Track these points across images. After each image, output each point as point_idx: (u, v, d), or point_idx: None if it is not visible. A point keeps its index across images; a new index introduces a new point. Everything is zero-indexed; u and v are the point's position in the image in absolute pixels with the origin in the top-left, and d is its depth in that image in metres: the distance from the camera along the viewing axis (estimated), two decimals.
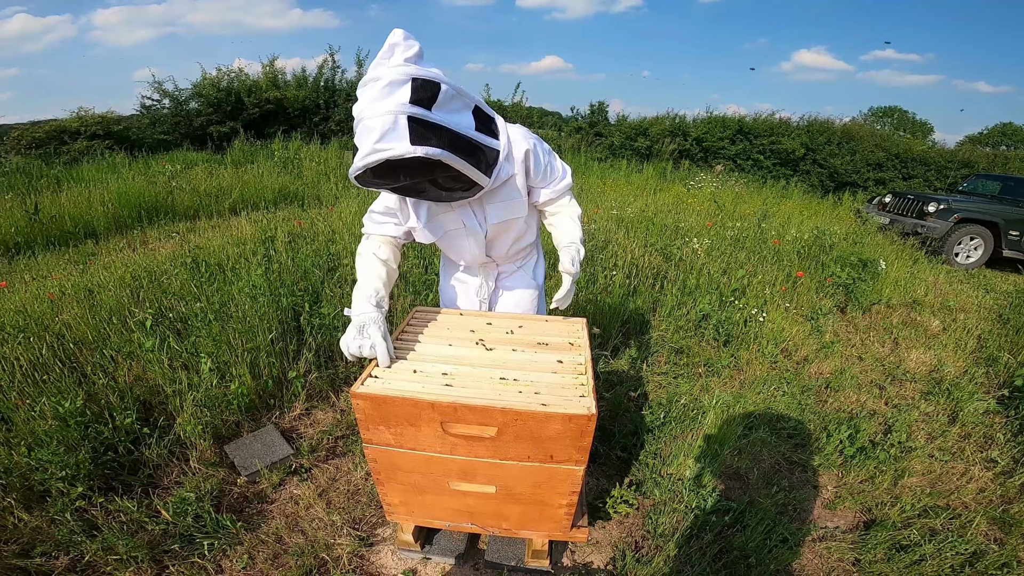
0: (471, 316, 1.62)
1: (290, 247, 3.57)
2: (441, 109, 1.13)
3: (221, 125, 11.19)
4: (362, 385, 1.22)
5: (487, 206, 1.47)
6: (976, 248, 7.12)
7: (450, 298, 1.82)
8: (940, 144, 14.43)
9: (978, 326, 4.34)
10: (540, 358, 1.36)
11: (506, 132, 1.38)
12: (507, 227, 1.55)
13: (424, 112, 1.09)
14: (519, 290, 1.77)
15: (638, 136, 12.39)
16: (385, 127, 1.06)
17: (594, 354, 2.91)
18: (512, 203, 1.49)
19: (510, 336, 1.48)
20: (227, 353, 2.47)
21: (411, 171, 1.17)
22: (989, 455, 2.56)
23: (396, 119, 1.06)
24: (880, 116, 33.89)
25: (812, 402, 2.87)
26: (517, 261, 1.75)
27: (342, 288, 3.08)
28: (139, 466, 2.07)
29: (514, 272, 1.75)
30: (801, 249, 4.75)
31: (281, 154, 8.23)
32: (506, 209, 1.49)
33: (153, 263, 3.62)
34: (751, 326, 3.40)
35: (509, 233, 1.59)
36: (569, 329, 1.57)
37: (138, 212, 5.42)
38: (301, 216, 4.89)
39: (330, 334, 2.78)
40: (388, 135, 1.07)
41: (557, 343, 1.45)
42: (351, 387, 1.23)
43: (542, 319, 1.64)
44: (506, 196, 1.47)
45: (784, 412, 2.74)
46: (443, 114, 1.13)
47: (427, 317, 1.61)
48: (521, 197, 1.49)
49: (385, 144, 1.07)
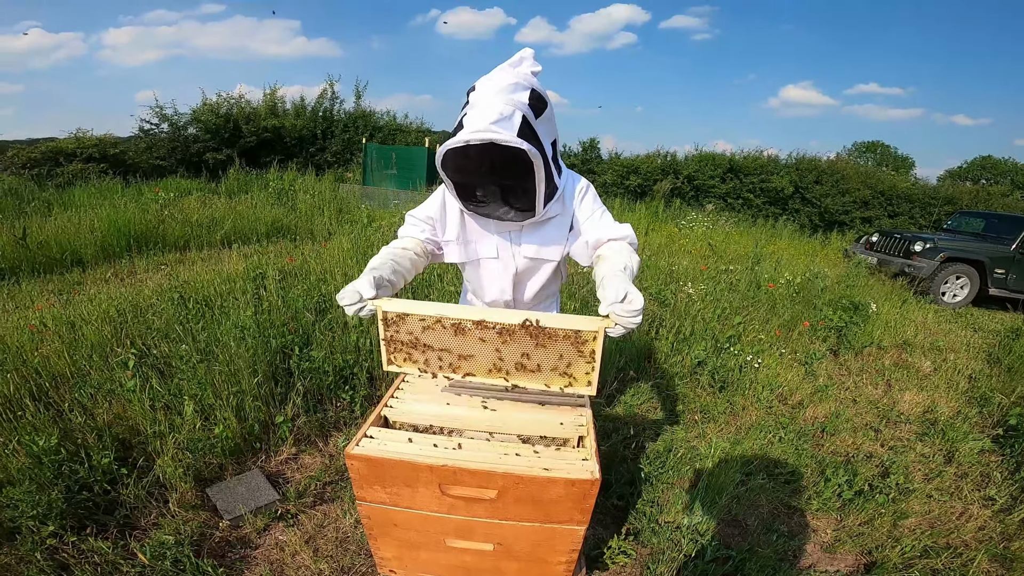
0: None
1: (281, 285, 3.52)
2: (541, 125, 1.25)
3: (218, 152, 11.25)
4: (357, 445, 1.17)
5: (524, 240, 1.49)
6: (962, 287, 7.21)
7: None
8: (923, 180, 14.86)
9: (968, 365, 4.38)
10: (541, 418, 1.32)
11: (566, 173, 1.46)
12: (537, 267, 1.55)
13: (533, 118, 1.21)
14: None
15: (630, 174, 12.57)
16: (503, 114, 1.17)
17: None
18: (549, 245, 1.50)
19: (510, 394, 1.44)
20: (212, 396, 2.40)
21: (497, 166, 1.29)
22: (987, 493, 2.57)
23: (514, 111, 1.18)
24: (863, 151, 34.55)
25: (809, 446, 2.84)
26: (535, 308, 1.71)
27: (333, 332, 3.03)
28: (115, 506, 1.99)
29: None
30: (794, 294, 4.78)
31: (276, 184, 8.22)
32: (542, 247, 1.50)
33: (139, 296, 3.55)
34: (746, 372, 3.40)
35: (538, 275, 1.58)
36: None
37: (127, 241, 5.35)
38: (293, 251, 4.85)
39: (319, 378, 2.72)
40: (502, 122, 1.16)
41: (558, 401, 1.41)
42: (347, 446, 1.18)
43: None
44: (546, 234, 1.48)
45: (781, 457, 2.70)
46: (541, 129, 1.25)
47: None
48: (560, 241, 1.50)
49: (498, 127, 1.16)
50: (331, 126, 12.68)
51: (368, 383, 2.81)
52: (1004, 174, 28.49)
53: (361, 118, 12.97)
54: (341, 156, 12.32)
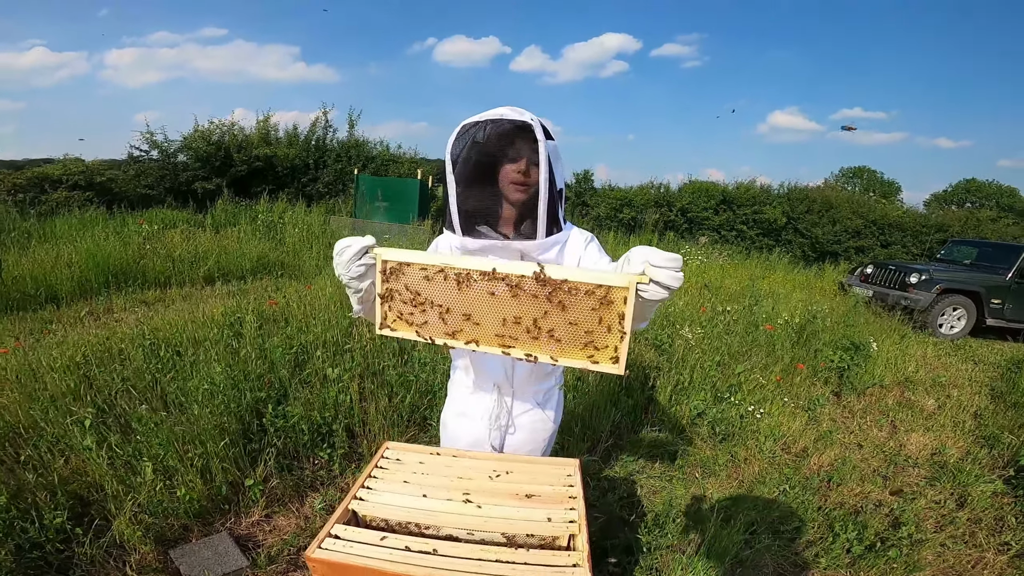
0: (448, 456, 1.43)
1: (259, 333, 3.34)
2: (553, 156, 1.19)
3: (207, 181, 11.04)
4: (319, 547, 1.02)
5: None
6: (959, 319, 7.16)
7: (452, 432, 1.59)
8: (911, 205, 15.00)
9: (971, 401, 4.32)
10: (527, 514, 1.17)
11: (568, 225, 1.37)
12: None
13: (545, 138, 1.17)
14: (533, 425, 1.55)
15: (623, 207, 12.52)
16: (522, 118, 1.16)
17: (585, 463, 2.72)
18: None
19: (493, 483, 1.30)
20: (175, 457, 2.23)
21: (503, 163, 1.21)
22: (1002, 539, 2.47)
23: (533, 120, 1.16)
24: (851, 176, 34.73)
25: (815, 499, 2.70)
26: (536, 392, 1.53)
27: (311, 388, 2.85)
28: (70, 565, 1.88)
29: (529, 410, 1.55)
30: (793, 334, 4.69)
31: (265, 217, 8.09)
32: None
33: (112, 339, 3.38)
34: (747, 421, 3.27)
35: None
36: (559, 473, 1.36)
37: (106, 277, 5.18)
38: (276, 292, 4.66)
39: (295, 436, 2.55)
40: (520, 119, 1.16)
41: (547, 493, 1.26)
42: (307, 549, 1.02)
43: (531, 461, 1.43)
44: None
45: (786, 512, 2.56)
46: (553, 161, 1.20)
47: (400, 456, 1.41)
48: None
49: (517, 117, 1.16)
50: (323, 155, 12.52)
51: (348, 439, 2.65)
52: (989, 196, 28.83)
53: (354, 147, 12.79)
54: (333, 187, 12.17)
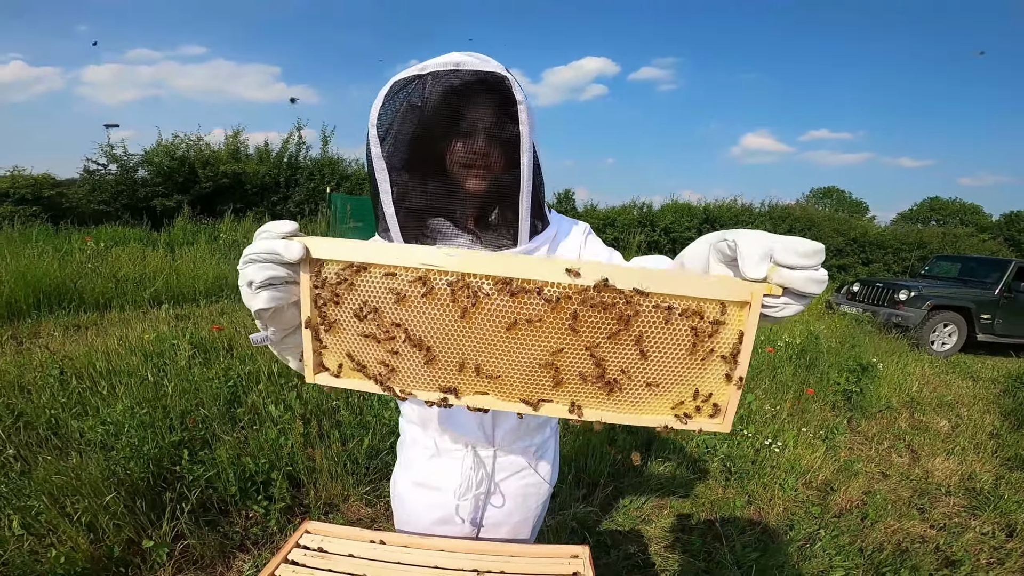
0: (398, 546, 0.91)
1: (192, 362, 2.84)
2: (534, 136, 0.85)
3: (167, 198, 10.39)
4: None
5: None
6: (951, 335, 7.02)
7: (410, 508, 1.08)
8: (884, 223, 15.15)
9: (984, 420, 4.13)
10: None
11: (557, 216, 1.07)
12: None
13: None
14: (524, 491, 1.09)
15: (606, 227, 12.30)
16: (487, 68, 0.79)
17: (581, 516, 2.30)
18: None
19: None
20: (51, 510, 1.76)
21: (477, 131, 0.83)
22: None
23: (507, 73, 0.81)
24: (820, 196, 35.50)
25: (853, 541, 2.35)
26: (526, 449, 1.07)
27: (244, 432, 2.36)
28: None
29: (518, 471, 1.08)
30: (794, 356, 4.41)
31: (228, 236, 7.53)
32: None
33: (24, 368, 2.86)
34: (762, 455, 2.91)
35: None
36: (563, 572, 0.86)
37: (37, 297, 4.61)
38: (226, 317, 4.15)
39: (221, 486, 2.07)
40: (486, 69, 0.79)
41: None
42: None
43: (524, 553, 0.92)
44: None
45: (823, 562, 2.16)
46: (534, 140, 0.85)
47: (324, 543, 0.90)
48: None
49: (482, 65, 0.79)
50: (295, 173, 12.03)
51: (291, 489, 2.17)
52: (953, 214, 29.69)
53: (328, 165, 12.32)
54: (305, 206, 11.64)
